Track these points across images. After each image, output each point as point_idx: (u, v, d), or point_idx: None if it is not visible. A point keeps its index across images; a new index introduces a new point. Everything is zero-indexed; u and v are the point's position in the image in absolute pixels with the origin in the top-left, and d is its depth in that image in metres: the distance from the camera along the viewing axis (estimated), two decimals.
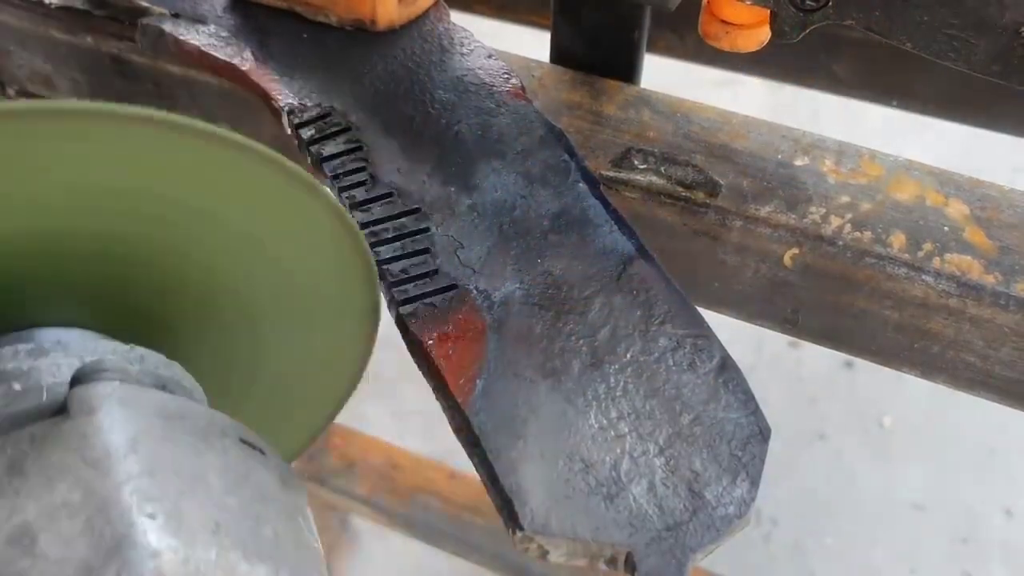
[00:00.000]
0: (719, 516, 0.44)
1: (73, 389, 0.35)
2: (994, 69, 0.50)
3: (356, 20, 0.63)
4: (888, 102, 0.94)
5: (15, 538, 0.30)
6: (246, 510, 0.35)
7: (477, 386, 0.47)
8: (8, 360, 0.39)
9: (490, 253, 0.52)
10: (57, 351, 0.40)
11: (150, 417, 0.35)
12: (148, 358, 0.41)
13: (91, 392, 0.34)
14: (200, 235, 0.42)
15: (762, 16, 0.56)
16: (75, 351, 0.40)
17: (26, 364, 0.39)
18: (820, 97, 1.05)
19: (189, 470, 0.34)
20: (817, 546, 1.45)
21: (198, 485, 0.34)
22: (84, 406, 0.34)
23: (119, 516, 0.31)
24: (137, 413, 0.34)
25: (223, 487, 0.35)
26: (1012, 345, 0.55)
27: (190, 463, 0.34)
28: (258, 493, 0.36)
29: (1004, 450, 1.55)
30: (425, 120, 0.59)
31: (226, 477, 0.35)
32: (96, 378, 0.35)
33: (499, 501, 0.44)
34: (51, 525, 0.30)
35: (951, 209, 0.58)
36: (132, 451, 0.33)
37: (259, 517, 0.35)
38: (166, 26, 0.63)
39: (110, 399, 0.34)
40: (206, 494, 0.34)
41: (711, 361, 0.49)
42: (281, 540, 0.35)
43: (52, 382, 0.38)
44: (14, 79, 0.79)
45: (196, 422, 0.36)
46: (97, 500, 0.31)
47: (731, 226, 0.58)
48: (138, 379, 0.37)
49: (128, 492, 0.31)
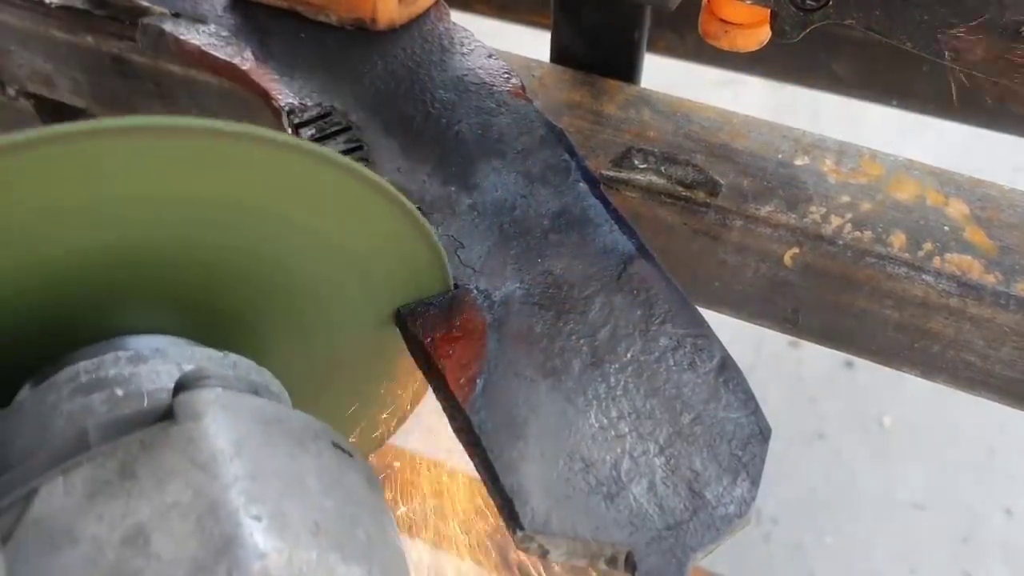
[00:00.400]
0: (719, 515, 0.44)
1: (179, 395, 0.36)
2: (994, 69, 0.50)
3: (357, 20, 0.63)
4: (888, 102, 0.94)
5: (130, 538, 0.31)
6: (341, 512, 0.36)
7: (477, 385, 0.47)
8: (109, 367, 0.40)
9: (490, 253, 0.52)
10: (156, 358, 0.41)
11: (251, 422, 0.36)
12: (240, 364, 0.43)
13: (196, 398, 0.36)
14: (282, 242, 0.43)
15: (762, 15, 0.56)
16: (172, 358, 0.41)
17: (127, 371, 0.40)
18: (820, 97, 1.05)
19: (288, 473, 0.35)
20: (817, 546, 1.45)
21: (297, 488, 0.35)
22: (190, 411, 0.35)
23: (227, 517, 0.32)
24: (239, 418, 0.36)
25: (320, 489, 0.36)
26: (1012, 344, 0.55)
27: (289, 466, 0.36)
28: (350, 495, 0.37)
29: (1004, 450, 1.54)
30: (425, 120, 0.59)
31: (322, 479, 0.36)
32: (200, 384, 0.36)
33: (500, 500, 0.44)
34: (163, 525, 0.32)
35: (951, 209, 0.58)
36: (237, 455, 0.34)
37: (353, 519, 0.36)
38: (166, 26, 0.63)
39: (214, 405, 0.36)
40: (305, 496, 0.35)
41: (711, 361, 0.49)
42: (372, 541, 0.37)
43: (152, 388, 0.39)
44: (14, 78, 0.79)
45: (291, 426, 0.38)
46: (206, 501, 0.32)
47: (731, 226, 0.58)
48: (235, 385, 0.39)
49: (235, 494, 0.33)
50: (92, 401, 0.38)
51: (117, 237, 0.39)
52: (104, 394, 0.39)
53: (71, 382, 0.39)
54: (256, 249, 0.43)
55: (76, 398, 0.39)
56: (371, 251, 0.46)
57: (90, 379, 0.39)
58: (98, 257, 0.40)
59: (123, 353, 0.41)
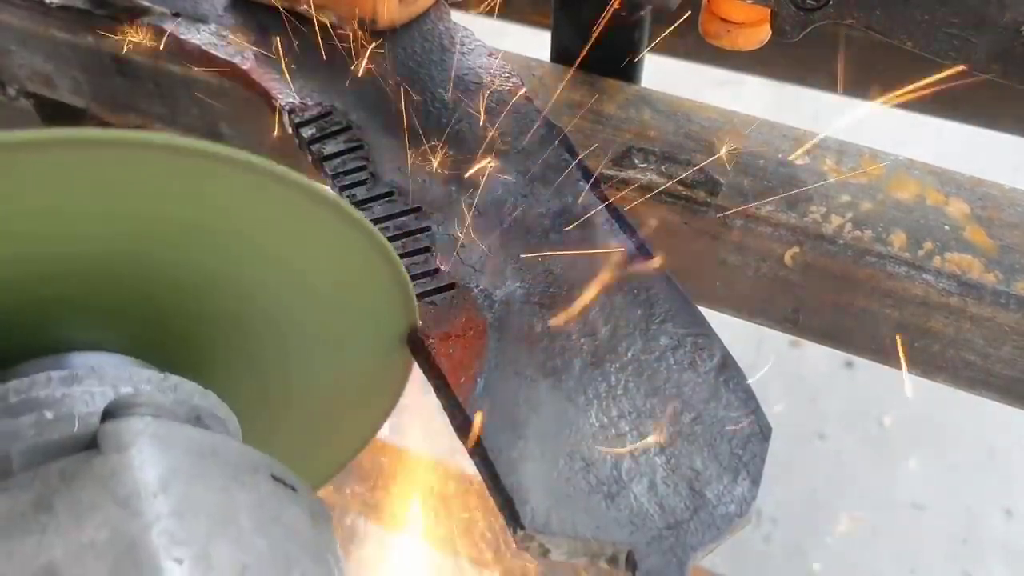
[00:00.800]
0: (720, 515, 0.44)
1: (104, 424, 0.34)
2: (994, 68, 0.50)
3: (357, 19, 0.63)
4: (888, 101, 0.94)
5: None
6: (275, 552, 0.34)
7: (478, 384, 0.47)
8: (41, 387, 0.38)
9: (491, 252, 0.52)
10: (91, 378, 0.39)
11: (182, 454, 0.34)
12: (182, 387, 0.41)
13: (123, 427, 0.34)
14: (235, 260, 0.42)
15: (762, 15, 0.56)
16: (109, 379, 0.39)
17: (59, 392, 0.38)
18: (820, 96, 1.05)
19: (219, 510, 0.33)
20: (817, 546, 1.45)
21: (228, 526, 0.33)
22: (115, 442, 0.33)
23: (146, 560, 0.30)
24: (169, 450, 0.34)
25: (253, 527, 0.34)
26: (1012, 344, 0.55)
27: (221, 502, 0.34)
28: (289, 532, 0.35)
29: (1004, 450, 1.54)
30: (426, 119, 0.59)
31: (257, 516, 0.34)
32: (128, 412, 0.35)
33: (500, 500, 0.44)
34: (77, 565, 0.30)
35: (951, 208, 0.58)
36: (162, 490, 0.32)
37: (288, 558, 0.34)
38: (167, 25, 0.63)
39: (142, 435, 0.34)
40: (236, 535, 0.33)
41: (712, 360, 0.49)
42: None
43: (85, 411, 0.37)
44: (15, 78, 0.79)
45: (228, 459, 0.36)
46: (125, 541, 0.30)
47: (732, 225, 0.58)
48: (172, 410, 0.37)
49: (156, 534, 0.31)
50: (19, 424, 0.36)
51: (61, 247, 0.38)
52: (33, 416, 0.37)
53: (0, 402, 0.38)
54: (209, 269, 0.42)
55: (3, 420, 0.37)
56: (334, 278, 0.44)
57: (19, 400, 0.37)
58: (36, 269, 0.38)
59: (56, 373, 0.39)
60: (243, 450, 0.37)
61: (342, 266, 0.44)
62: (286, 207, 0.40)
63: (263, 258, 0.42)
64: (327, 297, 0.45)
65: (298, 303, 0.45)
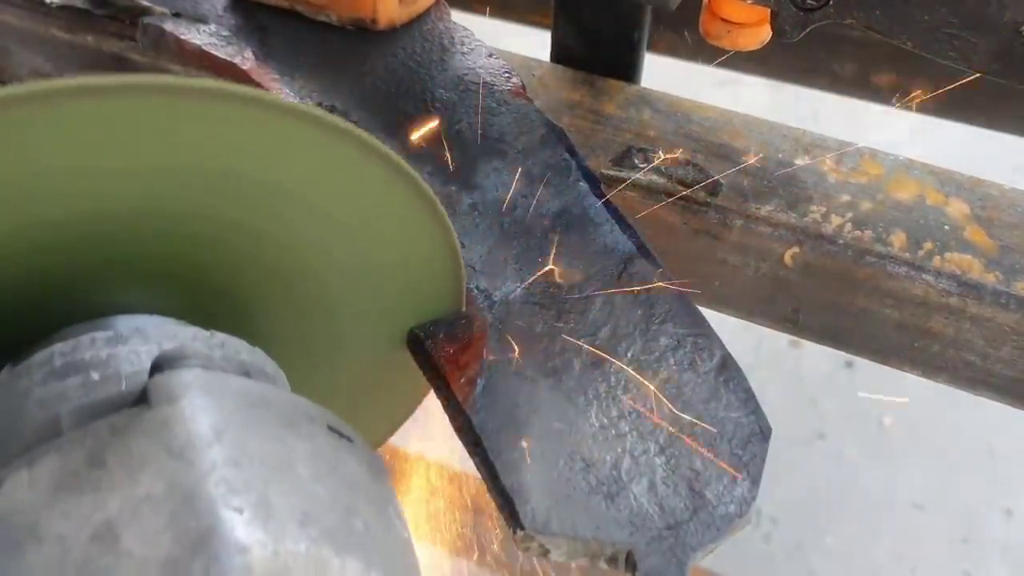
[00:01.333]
0: (720, 515, 0.44)
1: (153, 377, 0.33)
2: (994, 68, 0.50)
3: (357, 19, 0.63)
4: (889, 101, 0.94)
5: (98, 535, 0.29)
6: (335, 500, 0.33)
7: (478, 385, 0.47)
8: (85, 349, 0.37)
9: (491, 252, 0.52)
10: (135, 338, 0.38)
11: (234, 404, 0.33)
12: (229, 344, 0.40)
13: (172, 380, 0.33)
14: (280, 216, 0.40)
15: (763, 15, 0.56)
16: (154, 338, 0.38)
17: (104, 352, 0.37)
18: (821, 96, 1.05)
19: (275, 459, 0.32)
20: (817, 546, 1.45)
21: (285, 474, 0.32)
22: (165, 394, 0.32)
23: (204, 509, 0.29)
24: (220, 401, 0.33)
25: (311, 476, 0.33)
26: (1012, 344, 0.55)
27: (276, 451, 0.32)
28: (347, 482, 0.34)
29: (1004, 450, 1.54)
30: (426, 119, 0.59)
31: (314, 466, 0.33)
32: (177, 365, 0.33)
33: (500, 500, 0.44)
34: (134, 520, 0.29)
35: (951, 208, 0.58)
36: (216, 440, 0.31)
37: (349, 508, 0.33)
38: (167, 25, 0.63)
39: (192, 386, 0.33)
40: (294, 484, 0.32)
41: (712, 360, 0.49)
42: (372, 531, 0.33)
43: (131, 371, 0.36)
44: (15, 78, 0.79)
45: (281, 409, 0.35)
46: (181, 492, 0.30)
47: (732, 225, 0.58)
48: (221, 366, 0.35)
49: (213, 483, 0.30)
50: (66, 386, 0.36)
51: (100, 208, 0.37)
52: (79, 378, 0.36)
53: (45, 366, 0.37)
54: (259, 227, 0.40)
55: (50, 383, 0.36)
56: (388, 246, 0.43)
57: (65, 362, 0.37)
58: (79, 229, 0.37)
59: (100, 334, 0.38)
60: (296, 400, 0.36)
61: (396, 230, 0.42)
62: (332, 157, 0.38)
63: (310, 213, 0.40)
64: (377, 259, 0.44)
65: (347, 262, 0.43)
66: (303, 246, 0.42)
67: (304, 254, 0.42)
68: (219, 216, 0.39)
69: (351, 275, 0.44)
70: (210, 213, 0.39)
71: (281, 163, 0.38)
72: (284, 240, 0.41)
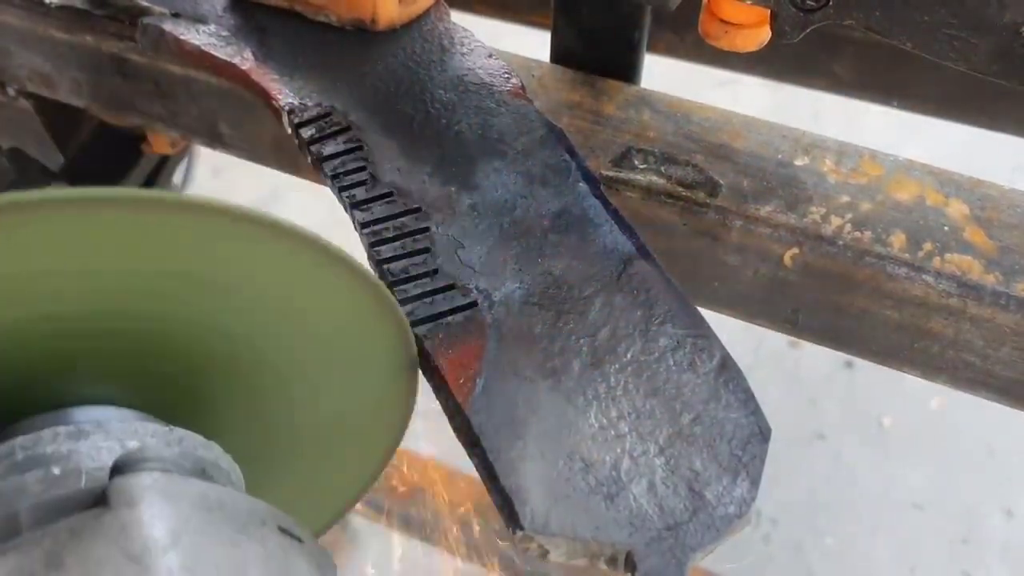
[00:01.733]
0: (719, 516, 0.44)
1: (113, 480, 0.34)
2: (994, 69, 0.50)
3: (357, 19, 0.63)
4: (888, 102, 0.94)
5: None
6: None
7: (477, 385, 0.47)
8: (47, 443, 0.38)
9: (490, 253, 0.52)
10: (97, 433, 0.39)
11: (190, 508, 0.34)
12: (187, 440, 0.41)
13: (132, 483, 0.34)
14: (234, 311, 0.42)
15: (762, 16, 0.56)
16: (115, 433, 0.39)
17: (65, 447, 0.38)
18: (820, 97, 1.05)
19: (228, 564, 0.33)
20: (816, 546, 1.45)
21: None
22: (125, 498, 0.33)
23: None
24: (178, 505, 0.34)
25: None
26: (1012, 345, 0.55)
27: (230, 556, 0.34)
28: None
29: (1004, 450, 1.54)
30: (425, 119, 0.59)
31: (265, 570, 0.35)
32: (137, 468, 0.35)
33: (499, 501, 0.44)
34: None
35: (951, 209, 0.58)
36: (173, 546, 0.32)
37: None
38: (166, 25, 0.63)
39: (151, 490, 0.34)
40: None
41: (711, 361, 0.49)
42: None
43: (92, 466, 0.37)
44: (14, 78, 0.79)
45: (236, 512, 0.36)
46: None
47: (731, 226, 0.58)
48: (178, 463, 0.37)
49: None
50: (26, 480, 0.36)
51: (61, 308, 0.38)
52: (40, 472, 0.36)
53: (6, 459, 0.37)
54: (208, 321, 0.42)
55: (10, 477, 0.37)
56: (332, 320, 0.45)
57: (26, 456, 0.37)
58: (41, 327, 0.39)
59: (63, 428, 0.39)
60: (250, 502, 0.37)
61: (340, 308, 0.44)
62: (282, 257, 0.40)
63: (262, 307, 0.42)
64: (326, 340, 0.46)
65: (298, 348, 0.45)
66: (256, 338, 0.44)
67: (257, 346, 0.44)
68: (175, 314, 0.41)
69: (303, 360, 0.46)
70: (167, 312, 0.41)
71: (230, 263, 0.40)
72: (237, 334, 0.43)
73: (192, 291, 0.40)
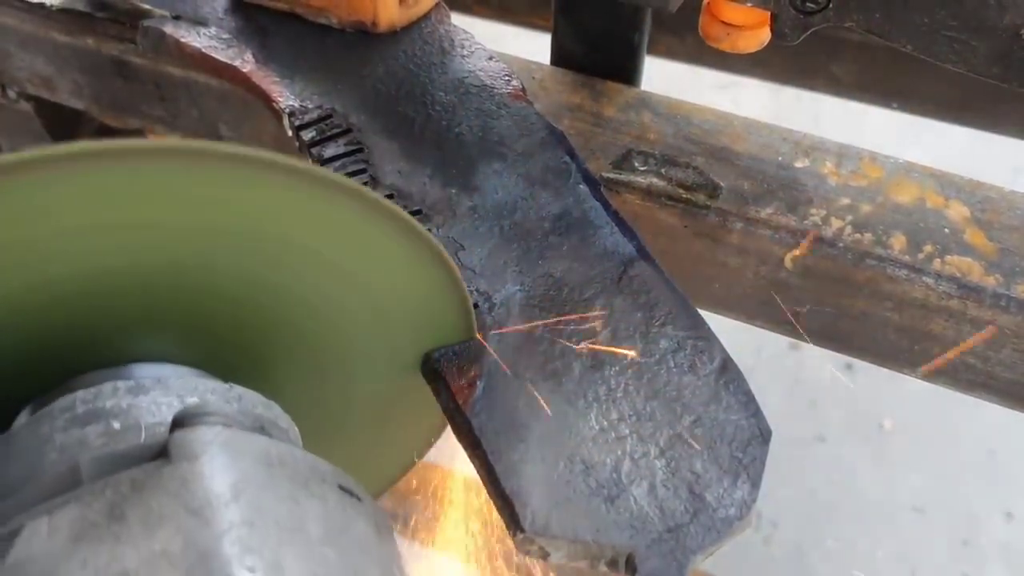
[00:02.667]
0: (720, 518, 0.44)
1: (174, 433, 0.34)
2: (993, 71, 0.50)
3: (357, 22, 0.63)
4: (888, 104, 0.95)
5: None
6: (344, 561, 0.34)
7: (478, 388, 0.47)
8: (107, 398, 0.38)
9: (491, 255, 0.52)
10: (156, 389, 0.39)
11: (251, 463, 0.34)
12: (246, 397, 0.41)
13: (193, 437, 0.34)
14: (297, 271, 0.42)
15: (762, 18, 0.56)
16: (174, 390, 0.39)
17: (125, 402, 0.38)
18: (821, 99, 1.05)
19: (289, 519, 0.33)
20: (817, 548, 1.45)
21: (297, 535, 0.33)
22: (186, 451, 0.33)
23: (219, 568, 0.30)
24: (239, 459, 0.34)
25: (322, 537, 0.34)
26: (1012, 347, 0.55)
27: (290, 512, 0.33)
28: (356, 543, 0.35)
29: (1004, 452, 1.54)
30: (426, 122, 0.59)
31: (325, 526, 0.34)
32: (198, 422, 0.34)
33: (500, 503, 0.44)
34: (151, 574, 0.30)
35: (951, 211, 0.58)
36: (234, 499, 0.32)
37: (356, 569, 0.34)
38: (167, 28, 0.63)
39: (212, 445, 0.33)
40: (305, 545, 0.33)
41: (712, 363, 0.49)
42: None
43: (151, 422, 0.37)
44: (15, 80, 0.79)
45: (296, 468, 0.36)
46: (198, 550, 0.30)
47: (732, 228, 0.58)
48: (238, 419, 0.36)
49: (229, 543, 0.31)
50: (87, 434, 0.36)
51: (123, 262, 0.38)
52: (100, 426, 0.37)
53: (67, 412, 0.38)
54: (273, 281, 0.41)
55: (71, 429, 0.37)
56: (397, 293, 0.44)
57: (87, 410, 0.37)
58: (103, 281, 0.38)
59: (122, 383, 0.39)
60: (310, 459, 0.37)
61: (407, 281, 0.44)
62: (348, 218, 0.40)
63: (326, 270, 0.42)
64: (388, 309, 0.45)
65: (360, 314, 0.45)
66: (317, 299, 0.43)
67: (318, 306, 0.44)
68: (236, 271, 0.40)
69: (364, 328, 0.45)
70: (228, 269, 0.40)
71: (296, 221, 0.39)
72: (299, 293, 0.43)
73: (255, 250, 0.40)
